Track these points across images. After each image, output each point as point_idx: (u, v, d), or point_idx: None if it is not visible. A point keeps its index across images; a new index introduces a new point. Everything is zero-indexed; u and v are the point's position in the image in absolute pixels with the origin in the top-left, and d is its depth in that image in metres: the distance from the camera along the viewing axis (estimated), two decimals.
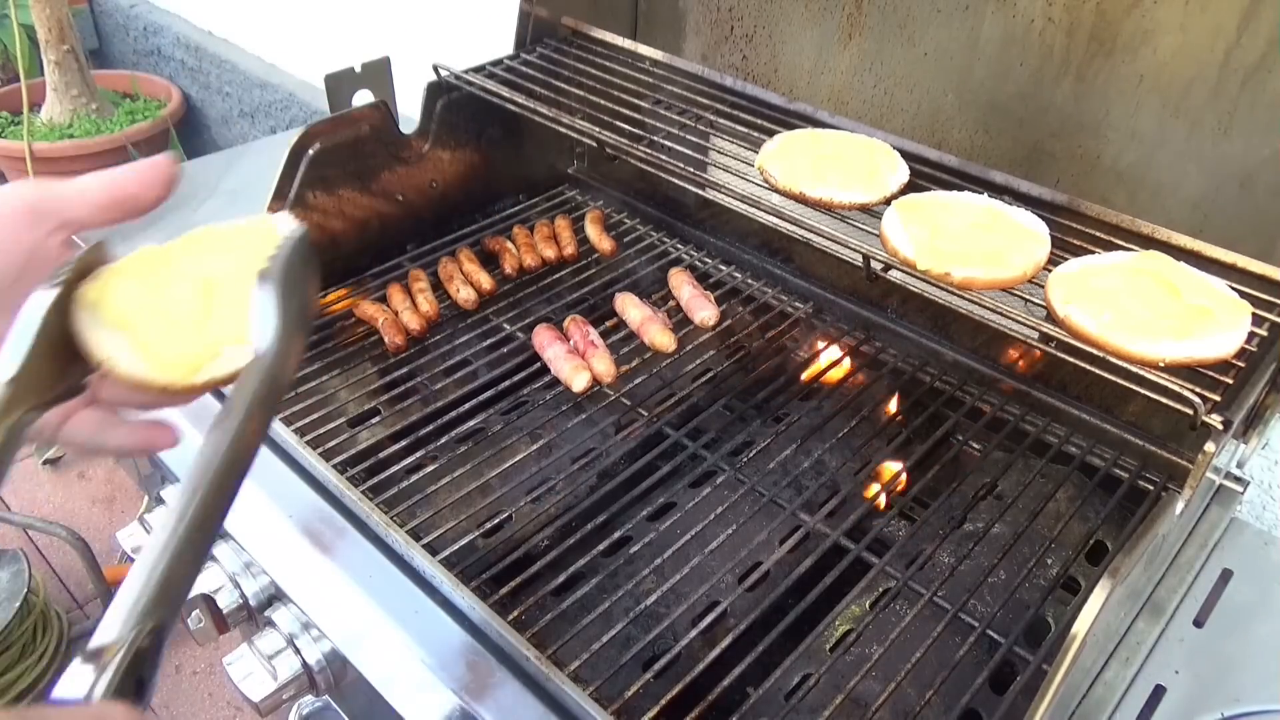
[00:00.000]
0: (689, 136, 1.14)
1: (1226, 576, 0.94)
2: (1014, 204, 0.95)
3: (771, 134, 1.08)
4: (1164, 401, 0.77)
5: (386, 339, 1.18)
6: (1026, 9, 1.03)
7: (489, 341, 1.23)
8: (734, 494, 1.01)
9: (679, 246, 1.44)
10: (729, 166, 1.06)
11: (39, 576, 2.01)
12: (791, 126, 1.11)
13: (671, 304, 1.29)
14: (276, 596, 0.94)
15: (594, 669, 0.82)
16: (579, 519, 0.97)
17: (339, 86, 1.23)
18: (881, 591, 0.94)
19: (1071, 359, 0.82)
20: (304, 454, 0.98)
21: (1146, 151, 1.00)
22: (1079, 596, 0.95)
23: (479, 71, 1.28)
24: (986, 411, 1.14)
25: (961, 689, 0.82)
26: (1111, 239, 0.92)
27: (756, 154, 1.03)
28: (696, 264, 1.41)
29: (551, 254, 1.36)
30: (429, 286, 1.27)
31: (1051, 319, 0.82)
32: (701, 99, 1.20)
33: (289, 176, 1.17)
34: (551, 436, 1.08)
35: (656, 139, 1.15)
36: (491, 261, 1.36)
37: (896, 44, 1.16)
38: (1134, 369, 0.77)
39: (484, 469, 1.02)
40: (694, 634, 0.85)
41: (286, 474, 1.00)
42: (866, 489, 1.08)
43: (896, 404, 1.18)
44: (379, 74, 1.25)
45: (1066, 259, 0.87)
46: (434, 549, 0.90)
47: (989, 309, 0.83)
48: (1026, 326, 0.82)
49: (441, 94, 1.31)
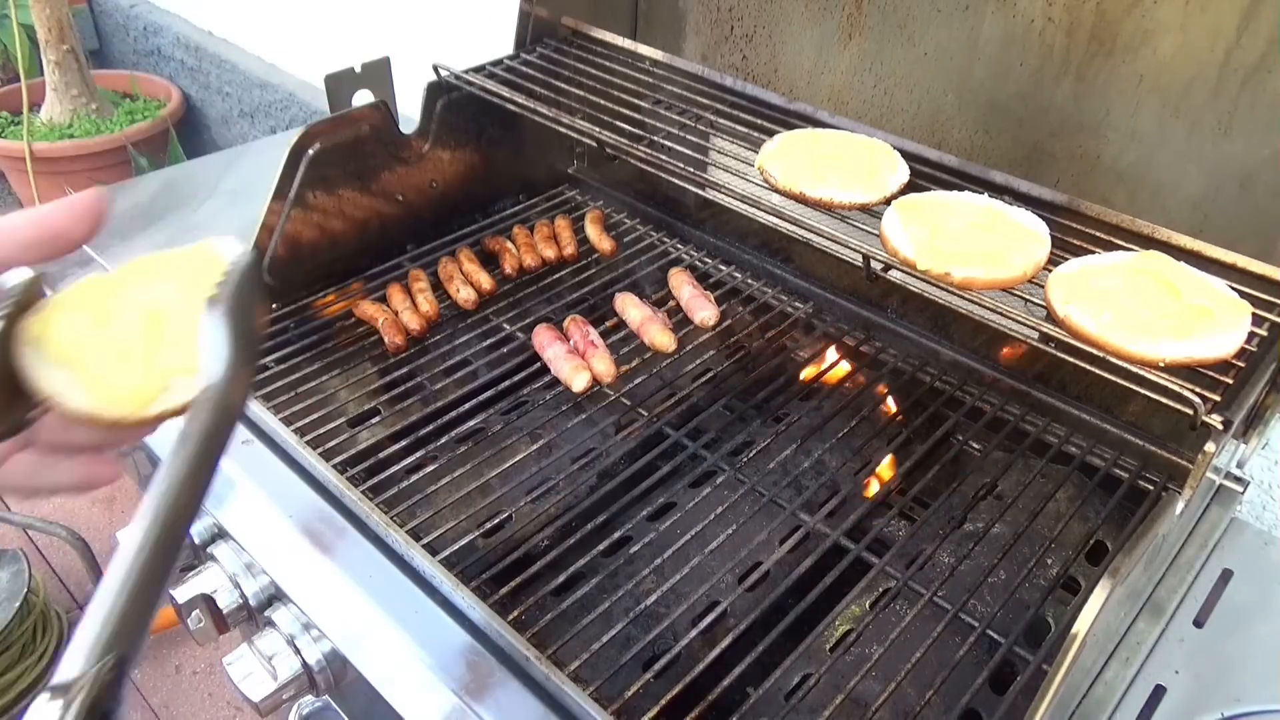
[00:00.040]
0: (689, 136, 1.14)
1: (1226, 576, 0.94)
2: (1014, 204, 0.95)
3: (771, 134, 1.08)
4: (1164, 401, 0.77)
5: (386, 339, 1.18)
6: (1026, 9, 1.03)
7: (489, 341, 1.23)
8: (734, 494, 1.01)
9: (679, 246, 1.44)
10: (729, 166, 1.06)
11: (39, 576, 2.01)
12: (791, 126, 1.11)
13: (671, 304, 1.29)
14: (276, 596, 0.94)
15: (594, 669, 0.82)
16: (579, 519, 0.97)
17: (339, 86, 1.23)
18: (881, 591, 0.94)
19: (1071, 359, 0.82)
20: (304, 454, 0.98)
21: (1146, 151, 1.01)
22: (1079, 596, 0.95)
23: (479, 71, 1.28)
24: (986, 411, 1.14)
25: (961, 689, 0.82)
26: (1111, 239, 0.92)
27: (756, 154, 1.03)
28: (696, 264, 1.41)
29: (551, 254, 1.36)
30: (429, 286, 1.27)
31: (1051, 319, 0.82)
32: (701, 99, 1.20)
33: (289, 176, 1.17)
34: (551, 436, 1.08)
35: (656, 139, 1.15)
36: (491, 261, 1.36)
37: (896, 44, 1.16)
38: (1134, 369, 0.77)
39: (484, 469, 1.02)
40: (694, 634, 0.85)
41: (286, 474, 1.00)
42: (866, 489, 1.08)
43: (896, 404, 1.18)
44: (379, 74, 1.26)
45: (1066, 259, 0.87)
46: (434, 549, 0.90)
47: (989, 309, 0.83)
48: (1026, 326, 0.82)
49: (441, 94, 1.31)
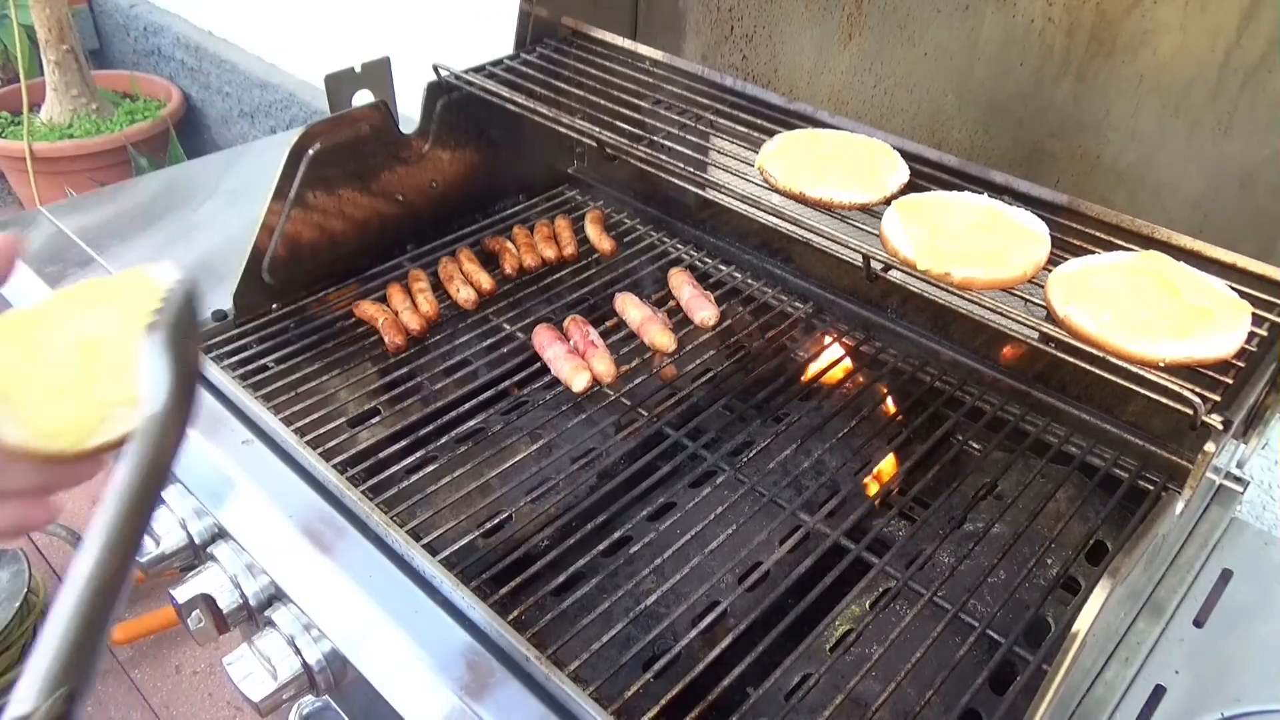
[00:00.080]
0: (689, 136, 1.14)
1: (1226, 576, 0.94)
2: (1014, 204, 0.95)
3: (771, 134, 1.08)
4: (1164, 401, 0.77)
5: (386, 339, 1.18)
6: (1026, 9, 1.03)
7: (489, 341, 1.23)
8: (734, 494, 1.01)
9: (679, 246, 1.44)
10: (729, 166, 1.06)
11: (39, 576, 2.01)
12: (791, 126, 1.11)
13: (671, 304, 1.29)
14: (276, 596, 0.94)
15: (594, 669, 0.82)
16: (579, 519, 0.97)
17: (339, 86, 1.23)
18: (881, 591, 0.94)
19: (1071, 359, 0.82)
20: (304, 454, 0.98)
21: (1146, 151, 1.01)
22: (1079, 596, 0.95)
23: (479, 71, 1.28)
24: (986, 411, 1.14)
25: (961, 689, 0.82)
26: (1111, 239, 0.92)
27: (756, 154, 1.03)
28: (696, 264, 1.41)
29: (551, 254, 1.36)
30: (429, 286, 1.27)
31: (1051, 319, 0.83)
32: (701, 99, 1.20)
33: (289, 176, 1.17)
34: (551, 436, 1.08)
35: (656, 139, 1.15)
36: (491, 261, 1.36)
37: (896, 44, 1.16)
38: (1134, 369, 0.77)
39: (484, 469, 1.02)
40: (694, 634, 0.85)
41: (286, 474, 1.00)
42: (866, 489, 1.08)
43: (896, 404, 1.18)
44: (379, 74, 1.26)
45: (1066, 259, 0.87)
46: (434, 549, 0.90)
47: (989, 309, 0.83)
48: (1026, 326, 0.82)
49: (441, 94, 1.31)
